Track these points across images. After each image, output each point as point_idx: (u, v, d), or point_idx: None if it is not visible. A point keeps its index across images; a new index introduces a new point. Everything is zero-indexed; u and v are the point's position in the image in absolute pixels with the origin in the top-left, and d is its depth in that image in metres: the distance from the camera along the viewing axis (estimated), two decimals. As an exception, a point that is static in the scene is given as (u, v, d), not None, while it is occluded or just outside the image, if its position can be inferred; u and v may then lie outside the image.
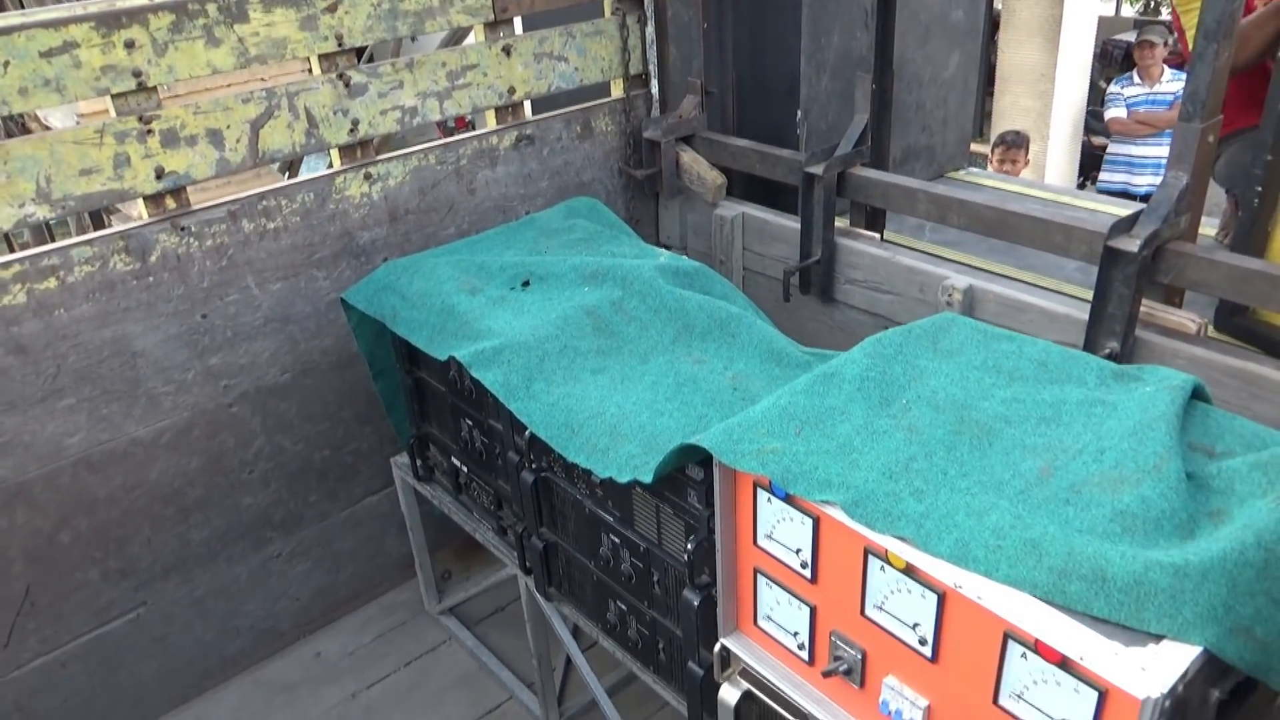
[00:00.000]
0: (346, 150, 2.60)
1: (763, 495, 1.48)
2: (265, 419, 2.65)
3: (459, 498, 2.47)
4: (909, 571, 1.32)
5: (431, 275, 2.29)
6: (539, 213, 2.63)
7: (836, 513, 1.36)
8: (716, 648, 1.64)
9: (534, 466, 2.02)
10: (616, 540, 1.91)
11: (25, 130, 4.63)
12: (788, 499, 1.43)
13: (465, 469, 2.35)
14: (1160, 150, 5.53)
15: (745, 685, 1.64)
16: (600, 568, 2.01)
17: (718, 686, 1.69)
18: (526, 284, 2.22)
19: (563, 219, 2.56)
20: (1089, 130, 6.95)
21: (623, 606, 1.99)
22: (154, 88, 2.21)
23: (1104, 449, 1.39)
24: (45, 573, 2.41)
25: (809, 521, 1.42)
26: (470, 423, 2.24)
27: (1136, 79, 5.68)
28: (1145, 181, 5.56)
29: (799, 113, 2.98)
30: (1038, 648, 1.20)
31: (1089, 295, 2.18)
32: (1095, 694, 1.14)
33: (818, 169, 2.62)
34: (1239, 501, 1.27)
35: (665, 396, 1.79)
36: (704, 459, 1.58)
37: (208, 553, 2.69)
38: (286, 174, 4.44)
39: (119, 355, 2.36)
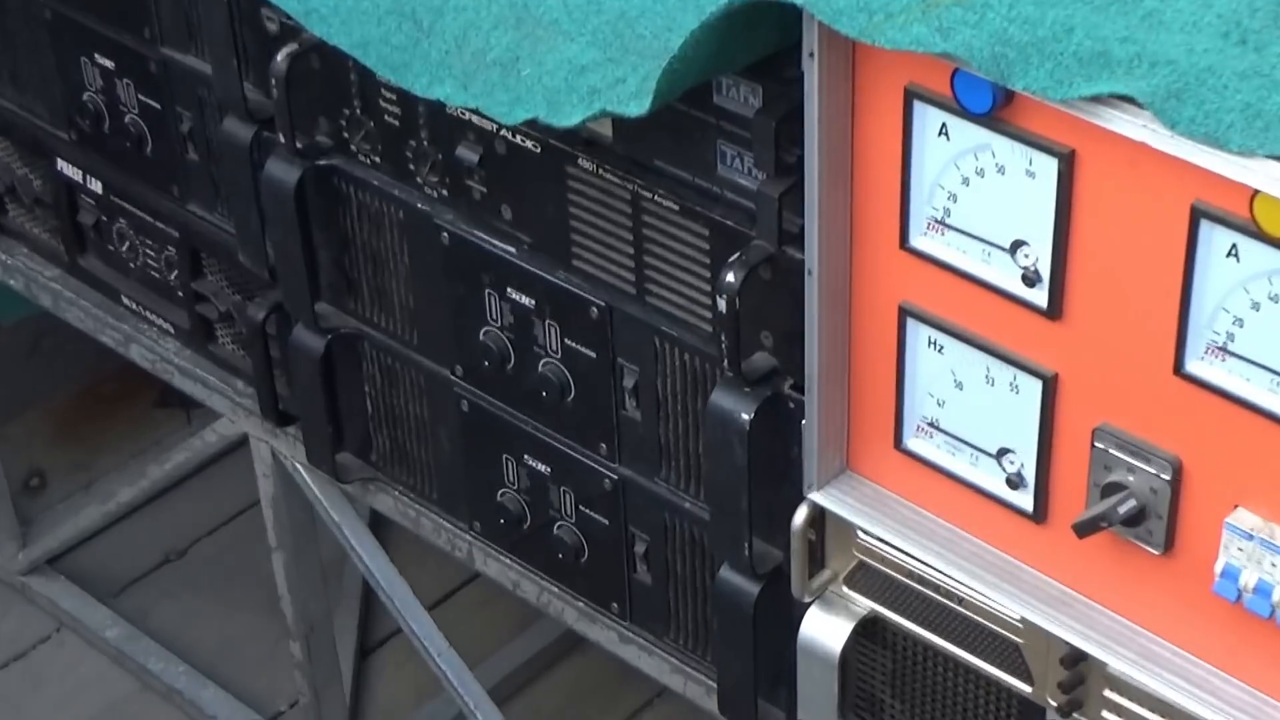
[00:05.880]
0: None
1: (928, 117, 0.99)
2: None
3: (79, 261, 1.79)
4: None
5: None
6: None
7: (1127, 124, 0.86)
8: (800, 515, 1.14)
9: (300, 148, 1.36)
10: (526, 304, 1.32)
11: None
12: (998, 111, 0.93)
13: (99, 188, 1.71)
14: None
15: (864, 602, 1.20)
16: (480, 381, 1.38)
17: (792, 614, 1.24)
18: None
19: None
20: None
21: (541, 468, 1.38)
22: None
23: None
24: None
25: (1047, 166, 0.94)
26: (112, 66, 1.61)
27: None
28: None
29: None
30: None
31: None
32: None
33: None
34: None
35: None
36: (765, 58, 1.08)
37: None
38: None
39: None
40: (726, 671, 1.23)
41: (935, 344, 1.01)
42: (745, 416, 1.10)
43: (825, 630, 1.15)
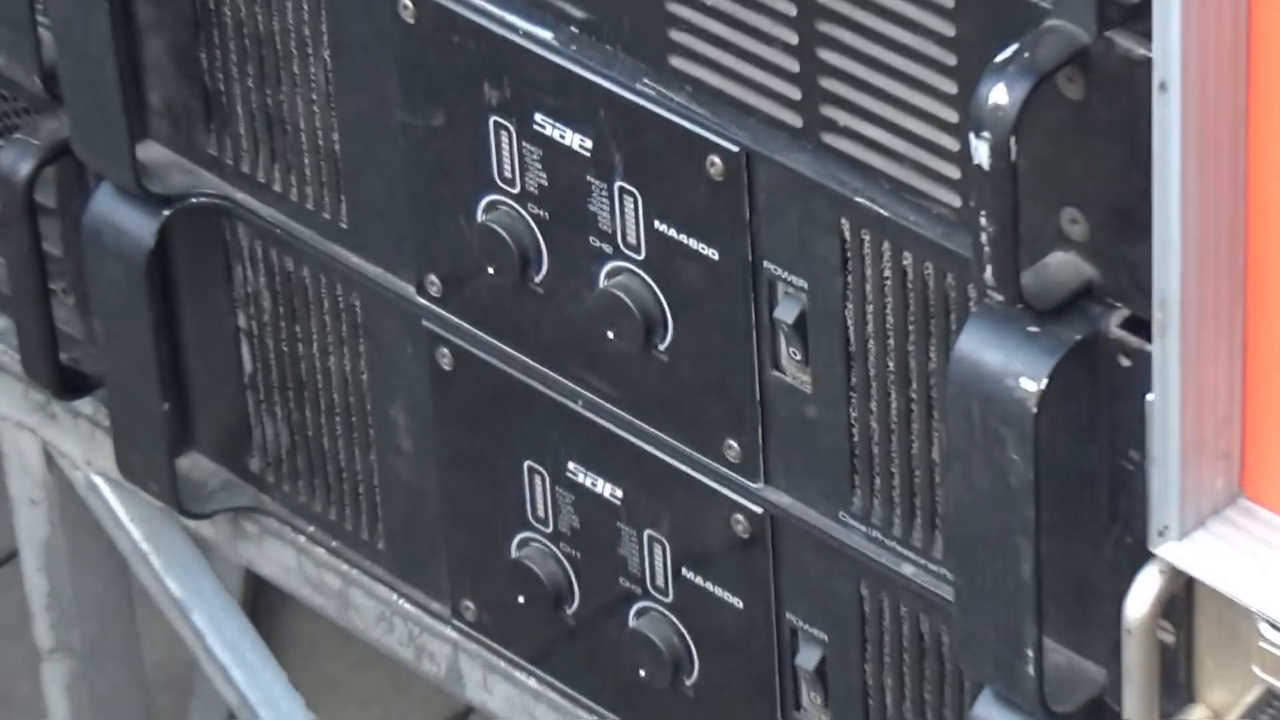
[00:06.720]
0: None
1: None
2: None
3: None
4: None
5: None
6: None
7: None
8: (1145, 592, 0.73)
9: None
10: (575, 146, 0.87)
11: None
12: None
13: None
14: None
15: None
16: (475, 308, 0.92)
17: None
18: None
19: None
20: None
21: (602, 490, 0.91)
22: None
23: None
24: None
25: None
26: None
27: None
28: None
29: None
30: None
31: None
32: None
33: None
34: None
35: None
36: None
37: None
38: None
39: None
40: None
41: None
42: (1031, 385, 0.68)
43: None
